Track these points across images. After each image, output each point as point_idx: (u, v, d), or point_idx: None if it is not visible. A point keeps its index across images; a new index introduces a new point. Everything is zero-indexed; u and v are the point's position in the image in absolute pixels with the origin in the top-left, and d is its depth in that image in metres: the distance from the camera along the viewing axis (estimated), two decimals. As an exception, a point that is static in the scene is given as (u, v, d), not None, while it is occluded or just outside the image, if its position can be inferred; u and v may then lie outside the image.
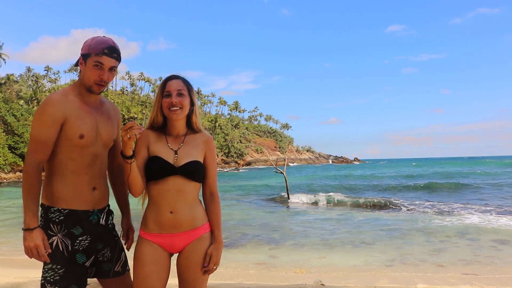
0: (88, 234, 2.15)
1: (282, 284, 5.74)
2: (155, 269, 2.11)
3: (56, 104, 2.08)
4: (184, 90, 2.18)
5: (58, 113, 2.06)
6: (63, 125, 2.08)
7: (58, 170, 2.12)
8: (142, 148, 2.16)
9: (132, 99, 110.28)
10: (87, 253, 2.15)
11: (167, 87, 2.17)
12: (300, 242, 9.51)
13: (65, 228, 2.09)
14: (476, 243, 9.04)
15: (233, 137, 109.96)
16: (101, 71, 2.12)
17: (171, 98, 2.14)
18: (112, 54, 2.13)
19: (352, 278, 6.36)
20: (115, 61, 2.15)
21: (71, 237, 2.10)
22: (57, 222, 2.09)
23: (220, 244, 2.20)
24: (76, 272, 2.09)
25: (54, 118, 2.05)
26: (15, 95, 62.99)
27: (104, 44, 2.12)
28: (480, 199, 18.65)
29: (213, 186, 2.27)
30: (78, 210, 2.12)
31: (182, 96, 2.16)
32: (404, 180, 33.48)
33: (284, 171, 20.26)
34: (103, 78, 2.12)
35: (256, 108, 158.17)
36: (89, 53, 2.12)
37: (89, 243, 2.16)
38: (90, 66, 2.12)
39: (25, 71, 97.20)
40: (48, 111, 2.06)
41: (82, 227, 2.13)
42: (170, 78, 2.20)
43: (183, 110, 2.17)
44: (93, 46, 2.12)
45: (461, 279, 6.23)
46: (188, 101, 2.19)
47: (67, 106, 2.09)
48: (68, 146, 2.11)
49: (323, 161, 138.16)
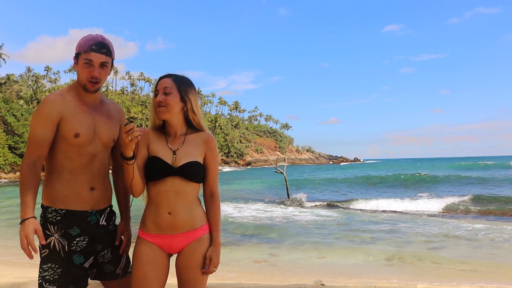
0: (86, 235, 2.13)
1: (282, 284, 5.74)
2: (153, 270, 2.10)
3: (52, 103, 2.08)
4: (171, 88, 2.15)
5: (54, 112, 2.06)
6: (59, 124, 2.08)
7: (56, 170, 2.12)
8: (142, 148, 2.15)
9: (132, 99, 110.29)
10: (85, 254, 2.13)
11: (157, 87, 2.18)
12: (300, 241, 9.50)
13: (61, 228, 2.08)
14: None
15: (233, 137, 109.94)
16: (91, 67, 2.11)
17: (157, 97, 2.14)
18: (101, 50, 2.12)
19: (352, 278, 6.36)
20: (105, 56, 2.14)
21: (68, 238, 2.08)
22: (54, 222, 2.08)
23: (218, 246, 2.19)
24: (73, 273, 2.08)
25: (50, 117, 2.06)
26: (15, 95, 62.97)
27: (92, 41, 2.12)
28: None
29: (213, 186, 2.25)
30: (76, 211, 2.11)
31: (167, 94, 2.14)
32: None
33: (284, 171, 20.25)
34: (93, 74, 2.11)
35: (256, 108, 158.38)
36: (79, 51, 2.13)
37: (87, 244, 2.14)
38: (81, 64, 2.12)
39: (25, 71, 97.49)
40: (44, 110, 2.07)
41: (80, 227, 2.11)
42: (161, 78, 2.20)
43: (168, 108, 2.13)
44: (82, 44, 2.13)
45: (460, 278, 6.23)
46: (177, 99, 2.15)
47: (63, 105, 2.10)
48: (65, 146, 2.10)
49: (323, 161, 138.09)
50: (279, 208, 16.92)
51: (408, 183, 28.98)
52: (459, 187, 25.21)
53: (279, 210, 16.12)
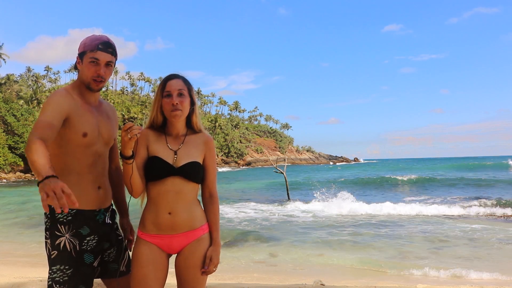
0: (95, 233, 2.15)
1: (282, 284, 5.74)
2: (153, 270, 2.10)
3: (61, 96, 2.08)
4: (184, 90, 2.15)
5: (63, 103, 2.05)
6: (66, 122, 2.05)
7: (64, 171, 2.11)
8: (142, 148, 2.15)
9: (132, 99, 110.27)
10: (94, 253, 2.15)
11: (167, 87, 2.14)
12: (300, 241, 9.50)
13: (72, 228, 2.08)
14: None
15: (233, 137, 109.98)
16: (97, 66, 2.12)
17: (172, 99, 2.11)
18: (107, 49, 2.14)
19: (352, 278, 6.36)
20: (110, 56, 2.15)
21: (79, 237, 2.09)
22: (64, 222, 2.08)
23: (218, 246, 2.19)
24: (84, 273, 2.09)
25: (59, 106, 2.03)
26: (15, 95, 63.02)
27: (98, 40, 2.13)
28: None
29: (212, 187, 2.25)
30: (85, 210, 2.12)
31: (182, 96, 2.13)
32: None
33: (284, 171, 20.26)
34: (100, 73, 2.13)
35: (256, 108, 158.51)
36: (84, 50, 2.14)
37: (97, 243, 2.16)
38: (87, 63, 2.13)
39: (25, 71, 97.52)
40: (53, 99, 2.05)
41: (90, 227, 2.13)
42: (170, 78, 2.17)
43: (184, 111, 2.15)
44: (88, 43, 2.14)
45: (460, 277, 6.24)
46: (189, 101, 2.17)
47: (71, 102, 2.10)
48: (73, 147, 2.11)
49: (323, 161, 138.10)
50: (279, 208, 16.92)
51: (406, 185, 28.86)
52: (463, 189, 25.12)
53: (279, 210, 16.13)
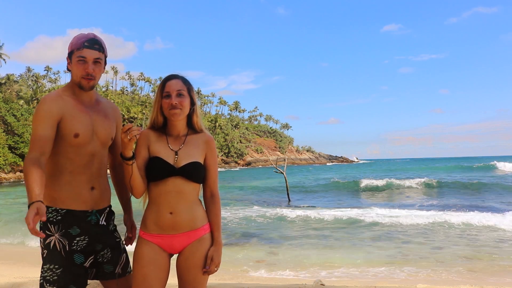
0: (85, 234, 2.14)
1: (282, 284, 5.74)
2: (154, 270, 2.10)
3: (51, 102, 2.09)
4: (183, 90, 2.16)
5: (53, 110, 2.07)
6: (59, 123, 2.08)
7: (56, 171, 2.12)
8: (143, 148, 2.15)
9: (132, 99, 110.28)
10: (85, 253, 2.14)
11: (167, 88, 2.15)
12: (300, 241, 9.52)
13: (62, 228, 2.09)
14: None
15: (233, 137, 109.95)
16: (85, 64, 2.13)
17: (171, 99, 2.12)
18: (93, 46, 2.14)
19: (352, 278, 6.36)
20: (97, 52, 2.15)
21: (68, 237, 2.09)
22: (54, 222, 2.08)
23: (220, 245, 2.19)
24: (74, 273, 2.08)
25: (50, 114, 2.06)
26: (15, 95, 62.99)
27: (84, 38, 2.14)
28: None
29: (213, 187, 2.26)
30: (76, 210, 2.12)
31: (181, 96, 2.14)
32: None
33: (284, 171, 20.28)
34: (88, 71, 2.13)
35: (256, 108, 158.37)
36: (72, 50, 2.15)
37: (87, 244, 2.15)
38: (75, 62, 2.14)
39: (25, 71, 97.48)
40: (43, 108, 2.07)
41: (80, 227, 2.12)
42: (169, 78, 2.18)
43: (183, 110, 2.15)
44: (74, 42, 2.15)
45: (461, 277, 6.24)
46: (188, 101, 2.17)
47: (62, 104, 2.11)
48: (65, 146, 2.11)
49: (323, 161, 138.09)
50: (279, 208, 16.91)
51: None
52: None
53: (279, 210, 16.12)
